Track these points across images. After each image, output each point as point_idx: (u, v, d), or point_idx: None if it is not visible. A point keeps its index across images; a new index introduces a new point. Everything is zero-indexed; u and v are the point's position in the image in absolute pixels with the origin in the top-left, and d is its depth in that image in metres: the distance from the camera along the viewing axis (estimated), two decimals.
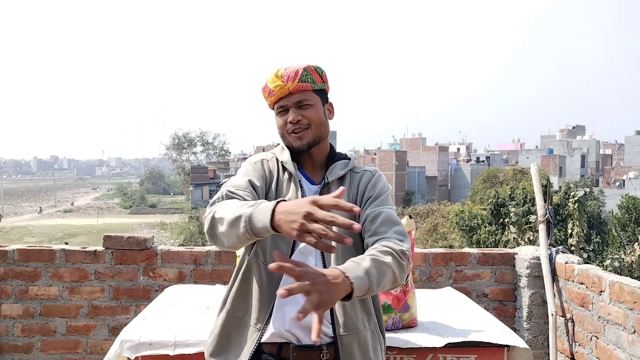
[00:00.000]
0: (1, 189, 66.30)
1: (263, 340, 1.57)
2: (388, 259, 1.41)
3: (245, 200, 1.49)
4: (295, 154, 1.71)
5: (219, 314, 1.68)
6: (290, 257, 1.57)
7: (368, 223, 1.57)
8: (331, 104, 1.73)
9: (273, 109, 1.70)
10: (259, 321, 1.58)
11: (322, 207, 1.22)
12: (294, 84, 1.61)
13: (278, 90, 1.62)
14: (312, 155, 1.70)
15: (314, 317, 1.18)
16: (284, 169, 1.69)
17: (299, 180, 1.65)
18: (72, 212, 64.15)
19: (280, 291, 1.15)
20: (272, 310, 1.57)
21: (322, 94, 1.70)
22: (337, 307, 1.58)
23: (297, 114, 1.63)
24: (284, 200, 1.32)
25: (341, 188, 1.29)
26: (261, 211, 1.31)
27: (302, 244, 1.57)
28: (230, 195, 1.52)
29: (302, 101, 1.63)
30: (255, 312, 1.59)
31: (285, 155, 1.69)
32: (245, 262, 1.63)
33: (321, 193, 1.64)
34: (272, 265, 1.17)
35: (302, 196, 1.60)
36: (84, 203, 79.17)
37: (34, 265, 3.17)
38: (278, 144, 1.79)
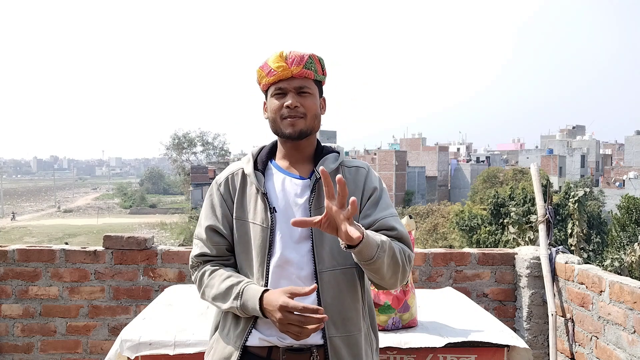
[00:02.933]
0: (1, 189, 66.24)
1: (251, 344, 1.54)
2: (398, 254, 1.50)
3: (215, 260, 1.63)
4: (282, 145, 1.65)
5: (211, 333, 1.69)
6: (268, 272, 1.55)
7: (380, 228, 1.56)
8: (324, 99, 1.68)
9: (266, 90, 1.63)
10: (240, 333, 1.56)
11: (291, 310, 1.37)
12: (299, 68, 1.55)
13: (280, 71, 1.56)
14: (300, 147, 1.63)
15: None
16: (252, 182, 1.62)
17: (265, 194, 1.58)
18: (72, 212, 64.11)
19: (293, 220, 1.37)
20: (255, 321, 1.55)
21: (320, 86, 1.65)
22: (329, 307, 1.52)
23: (296, 100, 1.56)
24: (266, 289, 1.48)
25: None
26: (249, 301, 1.48)
27: (277, 257, 1.55)
28: (200, 260, 1.64)
29: (303, 88, 1.57)
30: (234, 326, 1.58)
31: (249, 167, 1.63)
32: None
33: (313, 188, 1.58)
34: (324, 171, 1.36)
35: (272, 215, 1.56)
36: (84, 203, 79.10)
37: (34, 265, 3.17)
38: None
